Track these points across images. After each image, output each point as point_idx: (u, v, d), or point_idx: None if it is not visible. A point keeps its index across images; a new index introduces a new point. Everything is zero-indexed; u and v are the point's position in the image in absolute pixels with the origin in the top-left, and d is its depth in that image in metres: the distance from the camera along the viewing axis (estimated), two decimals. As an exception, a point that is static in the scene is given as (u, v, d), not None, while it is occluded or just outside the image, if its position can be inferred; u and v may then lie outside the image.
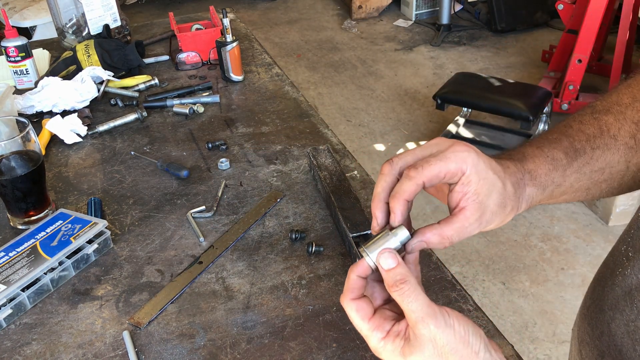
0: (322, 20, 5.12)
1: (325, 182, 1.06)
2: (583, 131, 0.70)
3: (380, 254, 0.57)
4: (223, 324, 0.87)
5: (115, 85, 1.55)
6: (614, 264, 0.67)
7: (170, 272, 0.97)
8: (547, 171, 0.66)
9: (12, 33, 1.54)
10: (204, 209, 1.10)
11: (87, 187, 1.19)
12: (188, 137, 1.35)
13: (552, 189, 0.67)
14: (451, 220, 0.60)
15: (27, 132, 1.03)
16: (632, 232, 0.65)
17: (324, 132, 1.34)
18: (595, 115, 0.71)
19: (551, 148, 0.68)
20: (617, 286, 0.63)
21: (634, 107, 0.71)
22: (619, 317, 0.62)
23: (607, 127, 0.70)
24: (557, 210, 2.81)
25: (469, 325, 0.56)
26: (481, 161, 0.59)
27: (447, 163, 0.58)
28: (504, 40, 4.51)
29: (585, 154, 0.69)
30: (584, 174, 0.70)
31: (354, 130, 3.56)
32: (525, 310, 2.31)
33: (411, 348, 0.56)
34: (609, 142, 0.70)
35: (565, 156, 0.68)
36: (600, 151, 0.69)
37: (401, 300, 0.55)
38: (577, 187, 0.70)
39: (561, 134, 0.70)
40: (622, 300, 0.61)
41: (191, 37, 1.67)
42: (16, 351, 0.84)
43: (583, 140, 0.69)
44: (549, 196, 0.68)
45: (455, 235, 0.60)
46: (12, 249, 0.96)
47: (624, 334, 0.61)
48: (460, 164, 0.58)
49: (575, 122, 0.71)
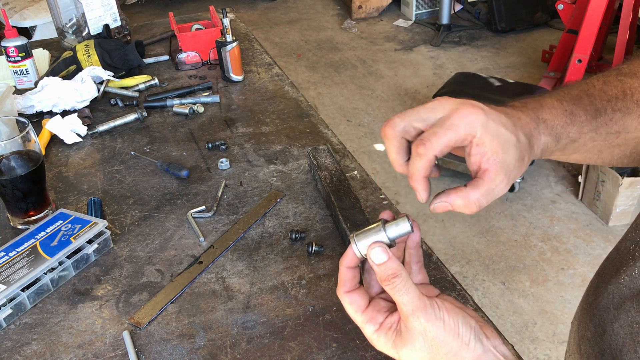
0: (322, 20, 5.12)
1: (325, 182, 1.06)
2: (606, 92, 0.68)
3: (370, 248, 0.57)
4: (223, 324, 0.87)
5: (115, 85, 1.55)
6: (620, 262, 0.66)
7: (170, 272, 0.97)
8: (564, 124, 0.64)
9: (12, 33, 1.54)
10: (204, 209, 1.10)
11: (87, 187, 1.19)
12: (188, 137, 1.35)
13: (566, 142, 0.65)
14: (477, 183, 0.57)
15: (27, 132, 1.03)
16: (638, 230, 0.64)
17: (324, 132, 1.34)
18: (621, 77, 0.69)
19: (571, 103, 0.66)
20: (624, 286, 0.62)
21: None
22: (623, 317, 0.61)
23: (631, 91, 0.68)
24: (557, 211, 2.81)
25: (458, 317, 0.56)
26: (490, 120, 0.57)
27: (456, 131, 0.55)
28: (504, 40, 4.51)
29: (606, 114, 0.66)
30: (600, 134, 0.67)
31: (354, 130, 3.56)
32: (525, 310, 2.31)
33: (403, 341, 0.56)
34: (631, 106, 0.67)
35: (585, 113, 0.65)
36: (621, 114, 0.67)
37: (393, 294, 0.56)
38: (590, 146, 0.68)
39: (583, 92, 0.68)
40: (629, 300, 0.61)
41: (191, 37, 1.67)
42: (16, 351, 0.84)
43: (605, 100, 0.67)
44: (562, 149, 0.66)
45: (483, 198, 0.58)
46: (12, 249, 0.96)
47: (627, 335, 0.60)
48: (469, 129, 0.55)
49: (598, 82, 0.69)
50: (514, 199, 2.89)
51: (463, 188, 0.58)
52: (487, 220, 2.78)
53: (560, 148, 0.66)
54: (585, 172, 2.74)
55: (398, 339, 0.57)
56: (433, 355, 0.56)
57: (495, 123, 0.57)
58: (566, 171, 3.06)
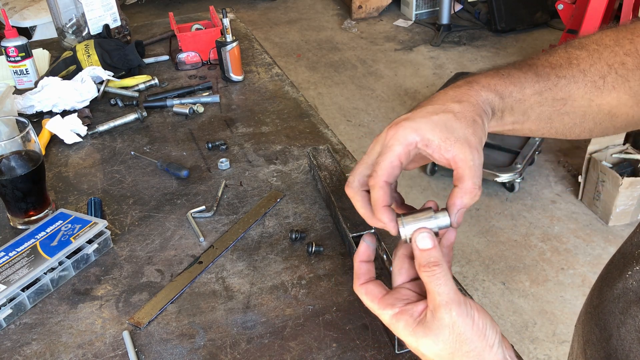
0: (322, 20, 5.12)
1: (325, 182, 1.06)
2: (549, 61, 0.69)
3: (419, 232, 0.57)
4: (223, 324, 0.87)
5: (115, 85, 1.55)
6: (624, 265, 0.66)
7: (170, 272, 0.97)
8: (502, 83, 0.65)
9: (12, 33, 1.54)
10: (204, 209, 1.10)
11: (87, 187, 1.19)
12: (188, 137, 1.35)
13: (511, 101, 0.66)
14: (459, 174, 0.58)
15: (27, 132, 1.03)
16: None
17: (324, 132, 1.34)
18: (568, 49, 0.70)
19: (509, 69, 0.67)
20: (630, 290, 0.62)
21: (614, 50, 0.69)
22: (630, 322, 0.61)
23: (577, 61, 0.69)
24: (557, 211, 2.81)
25: (487, 320, 0.56)
26: (418, 119, 0.58)
27: (393, 149, 0.58)
28: (504, 40, 4.51)
29: (549, 80, 0.68)
30: (545, 98, 0.68)
31: (354, 130, 3.56)
32: (525, 310, 2.31)
33: (426, 330, 0.55)
34: (577, 75, 0.69)
35: (524, 75, 0.66)
36: (566, 81, 0.68)
37: (429, 281, 0.55)
38: (539, 112, 0.69)
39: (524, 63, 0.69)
40: (635, 305, 0.61)
41: (191, 37, 1.67)
42: (16, 351, 0.84)
43: (548, 67, 0.68)
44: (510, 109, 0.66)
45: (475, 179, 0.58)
46: (12, 249, 0.96)
47: (633, 340, 0.60)
48: (404, 141, 0.58)
49: (543, 55, 0.70)
50: (514, 199, 2.89)
51: (457, 189, 0.59)
52: (487, 220, 2.78)
53: (509, 108, 0.66)
54: (585, 172, 2.74)
55: (420, 328, 0.56)
56: (455, 350, 0.55)
57: (425, 118, 0.58)
58: (566, 171, 3.06)
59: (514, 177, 2.81)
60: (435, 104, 0.61)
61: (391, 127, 0.59)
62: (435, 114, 0.59)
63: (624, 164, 2.66)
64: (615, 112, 0.72)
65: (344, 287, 0.92)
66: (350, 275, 0.94)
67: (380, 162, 0.58)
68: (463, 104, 0.60)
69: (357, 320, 0.86)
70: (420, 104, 0.62)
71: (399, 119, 0.60)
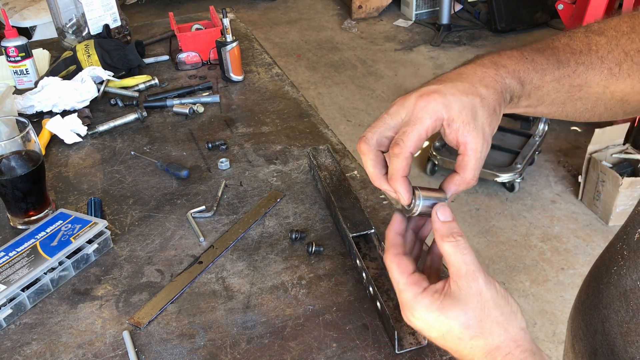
0: (322, 20, 5.12)
1: (325, 182, 1.06)
2: (570, 46, 0.70)
3: (439, 206, 0.58)
4: (223, 324, 0.87)
5: (115, 85, 1.55)
6: (610, 261, 0.67)
7: (170, 272, 0.97)
8: (525, 69, 0.66)
9: (12, 33, 1.54)
10: (204, 209, 1.10)
11: (87, 187, 1.19)
12: (188, 137, 1.35)
13: (530, 88, 0.67)
14: (464, 161, 0.59)
15: (27, 132, 1.03)
16: (628, 230, 0.65)
17: (324, 132, 1.34)
18: (588, 34, 0.71)
19: (532, 52, 0.68)
20: (613, 285, 0.64)
21: (630, 37, 0.70)
22: (613, 317, 0.62)
23: (596, 47, 0.70)
24: (557, 211, 2.81)
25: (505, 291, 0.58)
26: (449, 96, 0.59)
27: (423, 123, 0.58)
28: (504, 40, 4.51)
29: (569, 66, 0.68)
30: (563, 85, 0.69)
31: (354, 130, 3.56)
32: (525, 310, 2.31)
33: (454, 300, 0.55)
34: (595, 61, 0.69)
35: (547, 62, 0.67)
36: (584, 67, 0.69)
37: (454, 251, 0.56)
38: (554, 97, 0.70)
39: (546, 45, 0.70)
40: (617, 300, 0.62)
41: (191, 37, 1.67)
42: (16, 351, 0.84)
43: (568, 53, 0.69)
44: (528, 95, 0.67)
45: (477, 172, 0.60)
46: (12, 249, 0.96)
47: (617, 335, 0.61)
48: (433, 115, 0.58)
49: (564, 37, 0.71)
50: (514, 199, 2.90)
51: (457, 176, 0.60)
52: (487, 220, 2.78)
53: (526, 94, 0.67)
54: (585, 172, 2.74)
55: (447, 300, 0.56)
56: (483, 317, 0.55)
57: (455, 96, 0.59)
58: (566, 171, 3.06)
59: (514, 177, 2.81)
60: (465, 81, 0.60)
61: (422, 97, 0.58)
62: (465, 94, 0.59)
63: (624, 164, 2.66)
64: (628, 98, 0.72)
65: (344, 287, 0.92)
66: (350, 275, 0.94)
67: (409, 133, 0.58)
68: (489, 90, 0.61)
69: (357, 320, 0.86)
70: (448, 76, 0.62)
71: (429, 89, 0.59)
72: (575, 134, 3.34)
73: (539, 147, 3.00)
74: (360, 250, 0.95)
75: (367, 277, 0.87)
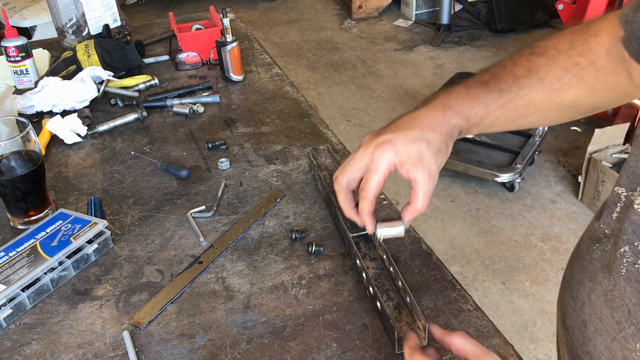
0: (322, 20, 5.12)
1: (325, 182, 1.06)
2: (513, 72, 0.80)
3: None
4: (223, 324, 0.87)
5: (115, 85, 1.55)
6: (590, 240, 0.73)
7: (170, 272, 0.97)
8: (470, 106, 0.77)
9: (12, 33, 1.54)
10: (204, 209, 1.10)
11: (87, 187, 1.19)
12: (188, 137, 1.35)
13: (476, 120, 0.78)
14: (415, 194, 0.73)
15: (27, 132, 1.03)
16: (605, 210, 0.71)
17: (324, 132, 1.34)
18: (530, 56, 0.81)
19: (477, 87, 0.79)
20: (596, 260, 0.69)
21: (568, 53, 0.79)
22: (598, 287, 0.68)
23: (536, 69, 0.79)
24: (557, 211, 2.81)
25: None
26: (398, 146, 0.72)
27: (380, 171, 0.72)
28: (504, 40, 4.51)
29: (511, 92, 0.78)
30: (508, 109, 0.79)
31: (354, 130, 3.56)
32: (525, 310, 2.31)
33: None
34: (535, 83, 0.79)
35: (489, 94, 0.78)
36: (526, 90, 0.78)
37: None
38: (503, 119, 0.80)
39: (492, 75, 0.80)
40: (601, 272, 0.67)
41: (191, 37, 1.67)
42: (16, 351, 0.84)
43: (510, 80, 0.79)
44: (476, 125, 0.79)
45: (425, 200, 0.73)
46: (12, 249, 0.96)
47: (603, 303, 0.66)
48: (387, 164, 0.72)
49: (509, 63, 0.82)
50: (514, 199, 2.90)
51: (409, 206, 0.74)
52: (487, 220, 2.78)
53: (474, 125, 0.78)
54: (585, 172, 2.74)
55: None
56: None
57: (404, 145, 0.72)
58: (566, 171, 3.06)
59: (514, 177, 2.81)
60: (415, 128, 0.74)
61: (378, 147, 0.73)
62: (413, 142, 0.72)
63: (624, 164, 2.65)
64: (576, 104, 0.82)
65: (344, 287, 0.92)
66: (350, 275, 0.94)
67: (370, 180, 0.73)
68: (436, 133, 0.74)
69: (357, 320, 0.86)
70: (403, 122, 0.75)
71: (384, 140, 0.73)
72: (575, 134, 3.34)
73: (539, 147, 3.00)
74: (360, 250, 0.95)
75: (367, 277, 0.87)
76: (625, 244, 0.64)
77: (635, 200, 0.65)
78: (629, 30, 0.74)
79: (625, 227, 0.65)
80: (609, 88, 0.81)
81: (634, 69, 0.77)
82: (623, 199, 0.67)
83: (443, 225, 2.76)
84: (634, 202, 0.65)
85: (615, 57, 0.78)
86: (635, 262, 0.62)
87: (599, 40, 0.79)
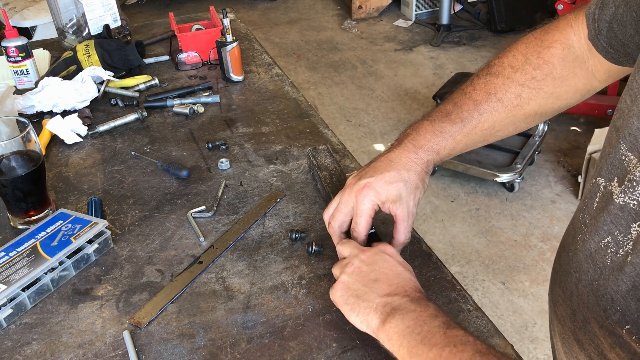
0: (322, 20, 5.12)
1: (325, 182, 1.06)
2: (472, 98, 0.85)
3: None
4: (223, 324, 0.87)
5: (116, 85, 1.55)
6: (574, 231, 0.75)
7: (171, 272, 0.97)
8: (438, 142, 0.85)
9: (12, 33, 1.54)
10: (204, 209, 1.10)
11: (87, 187, 1.19)
12: (188, 137, 1.35)
13: (447, 152, 0.86)
14: (397, 229, 0.85)
15: (28, 132, 1.03)
16: (586, 201, 0.72)
17: (324, 132, 1.34)
18: (488, 77, 0.86)
19: (441, 120, 0.86)
20: (580, 251, 0.71)
21: (524, 69, 0.84)
22: (584, 278, 0.70)
23: (495, 90, 0.85)
24: (557, 211, 2.81)
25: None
26: (377, 188, 0.82)
27: (365, 213, 0.83)
28: (504, 40, 4.51)
29: (472, 120, 0.85)
30: (475, 134, 0.86)
31: (354, 130, 3.56)
32: (525, 310, 2.32)
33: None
34: (496, 105, 0.84)
35: (453, 126, 0.85)
36: (488, 114, 0.84)
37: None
38: (472, 143, 0.87)
39: (453, 105, 0.87)
40: (585, 262, 0.69)
41: (191, 37, 1.67)
42: (16, 351, 0.85)
43: (471, 106, 0.85)
44: (448, 154, 0.87)
45: (407, 234, 0.86)
46: (12, 249, 0.96)
47: (589, 293, 0.68)
48: (370, 206, 0.83)
49: (469, 88, 0.87)
50: (514, 199, 2.90)
51: (393, 241, 0.86)
52: (487, 220, 2.78)
53: (446, 155, 0.87)
54: (585, 172, 2.74)
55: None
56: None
57: (383, 187, 0.82)
58: (566, 171, 3.06)
59: (514, 177, 2.81)
60: (392, 170, 0.83)
61: (360, 192, 0.83)
62: (390, 183, 0.83)
63: (624, 164, 2.66)
64: (541, 111, 0.87)
65: (344, 287, 0.92)
66: (350, 275, 0.94)
67: (359, 223, 0.84)
68: (411, 173, 0.84)
69: (357, 320, 0.86)
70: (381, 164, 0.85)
71: (365, 183, 0.83)
72: (575, 134, 3.34)
73: (539, 147, 3.00)
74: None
75: (367, 277, 0.88)
76: (608, 235, 0.65)
77: (614, 191, 0.66)
78: (596, 28, 0.78)
79: (604, 217, 0.66)
80: (570, 91, 0.85)
81: (601, 64, 0.80)
82: (602, 189, 0.69)
83: (443, 225, 2.76)
84: (613, 193, 0.66)
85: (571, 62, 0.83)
86: (617, 252, 0.64)
87: (553, 52, 0.83)
